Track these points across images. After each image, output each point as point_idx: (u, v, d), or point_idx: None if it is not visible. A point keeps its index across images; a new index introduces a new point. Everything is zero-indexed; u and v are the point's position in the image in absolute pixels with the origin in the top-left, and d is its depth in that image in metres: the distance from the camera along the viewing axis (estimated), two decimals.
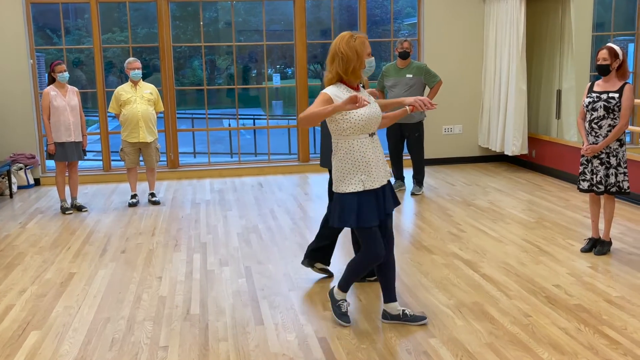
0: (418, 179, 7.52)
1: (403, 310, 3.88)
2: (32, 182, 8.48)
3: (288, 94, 21.27)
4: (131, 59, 7.24)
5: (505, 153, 8.73)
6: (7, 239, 6.00)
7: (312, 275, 4.79)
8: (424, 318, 3.87)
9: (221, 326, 3.92)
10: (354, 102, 3.32)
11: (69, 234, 6.13)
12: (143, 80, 7.29)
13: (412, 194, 7.44)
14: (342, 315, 3.90)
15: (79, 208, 7.09)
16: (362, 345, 3.62)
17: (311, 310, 4.13)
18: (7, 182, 7.87)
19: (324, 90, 3.62)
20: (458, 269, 4.85)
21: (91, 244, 5.79)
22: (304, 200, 7.31)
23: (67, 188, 7.18)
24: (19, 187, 8.30)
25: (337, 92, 3.60)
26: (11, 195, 7.86)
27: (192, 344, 3.69)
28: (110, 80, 17.22)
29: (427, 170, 8.59)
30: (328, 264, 4.77)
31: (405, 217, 6.56)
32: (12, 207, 7.37)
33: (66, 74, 6.88)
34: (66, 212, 6.96)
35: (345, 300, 3.95)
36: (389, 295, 3.89)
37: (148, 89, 7.23)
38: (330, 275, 4.75)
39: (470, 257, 5.11)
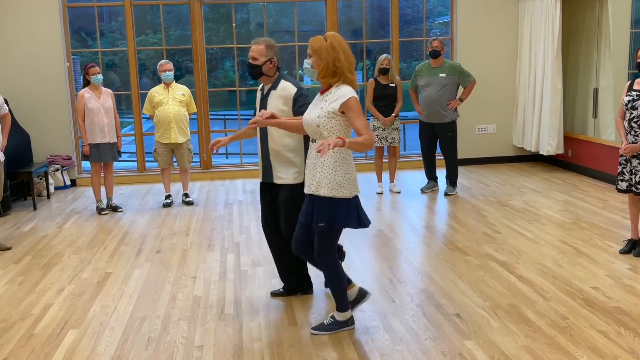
0: (451, 179, 7.45)
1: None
2: (68, 183, 8.63)
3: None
4: (163, 61, 7.32)
5: (541, 153, 8.60)
6: (45, 239, 6.11)
7: None
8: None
9: (255, 326, 3.93)
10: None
11: (104, 234, 6.22)
12: (176, 82, 7.36)
13: (446, 194, 7.37)
14: (348, 323, 3.83)
15: (115, 208, 7.18)
16: (396, 347, 3.59)
17: None
18: (44, 183, 8.02)
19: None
20: (493, 270, 4.79)
21: (126, 244, 5.86)
22: None
23: (102, 189, 7.29)
24: (56, 188, 8.45)
25: None
26: (48, 196, 8.00)
27: (227, 344, 3.70)
28: (144, 82, 17.42)
29: (461, 170, 8.50)
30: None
31: (438, 218, 6.50)
32: (50, 207, 7.50)
33: (100, 76, 6.98)
34: (102, 213, 7.06)
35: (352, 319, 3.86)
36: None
37: (180, 91, 7.29)
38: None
39: (506, 259, 5.04)
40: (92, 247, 5.78)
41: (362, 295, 3.90)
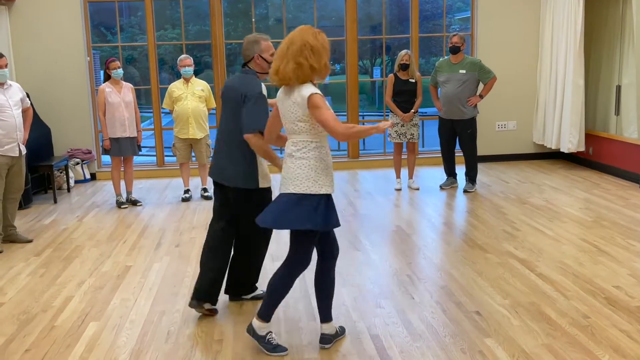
0: (471, 176, 7.40)
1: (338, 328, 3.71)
2: (88, 176, 8.70)
3: (336, 90, 21.25)
4: (183, 56, 7.32)
5: (561, 150, 8.52)
6: (65, 232, 6.17)
7: (364, 272, 4.77)
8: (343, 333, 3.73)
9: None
10: (382, 129, 3.25)
11: (124, 228, 6.26)
12: (195, 77, 7.38)
13: (465, 191, 7.33)
14: (276, 348, 3.52)
15: (134, 202, 7.23)
16: (415, 344, 3.58)
17: (363, 307, 4.11)
18: (64, 176, 8.09)
19: (315, 92, 3.25)
20: (513, 268, 4.75)
21: (146, 237, 5.90)
22: (354, 197, 7.28)
23: (122, 183, 7.34)
24: (76, 182, 8.52)
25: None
26: (68, 190, 8.07)
27: (246, 338, 3.70)
28: (162, 77, 17.50)
29: (480, 167, 8.42)
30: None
31: (457, 215, 6.47)
32: (70, 201, 7.57)
33: (120, 71, 7.02)
34: (121, 207, 7.10)
35: (271, 332, 3.56)
36: (327, 314, 3.61)
37: (200, 86, 7.31)
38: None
39: (526, 256, 5.00)
40: (112, 241, 5.82)
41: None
